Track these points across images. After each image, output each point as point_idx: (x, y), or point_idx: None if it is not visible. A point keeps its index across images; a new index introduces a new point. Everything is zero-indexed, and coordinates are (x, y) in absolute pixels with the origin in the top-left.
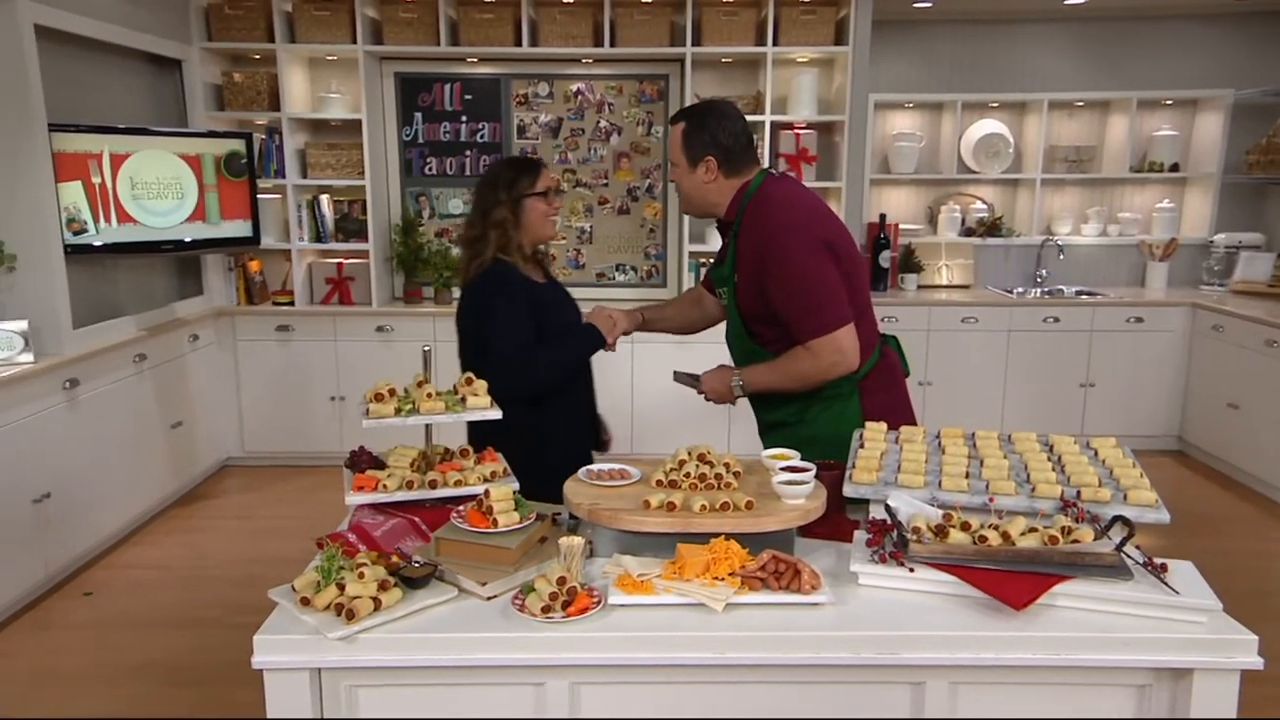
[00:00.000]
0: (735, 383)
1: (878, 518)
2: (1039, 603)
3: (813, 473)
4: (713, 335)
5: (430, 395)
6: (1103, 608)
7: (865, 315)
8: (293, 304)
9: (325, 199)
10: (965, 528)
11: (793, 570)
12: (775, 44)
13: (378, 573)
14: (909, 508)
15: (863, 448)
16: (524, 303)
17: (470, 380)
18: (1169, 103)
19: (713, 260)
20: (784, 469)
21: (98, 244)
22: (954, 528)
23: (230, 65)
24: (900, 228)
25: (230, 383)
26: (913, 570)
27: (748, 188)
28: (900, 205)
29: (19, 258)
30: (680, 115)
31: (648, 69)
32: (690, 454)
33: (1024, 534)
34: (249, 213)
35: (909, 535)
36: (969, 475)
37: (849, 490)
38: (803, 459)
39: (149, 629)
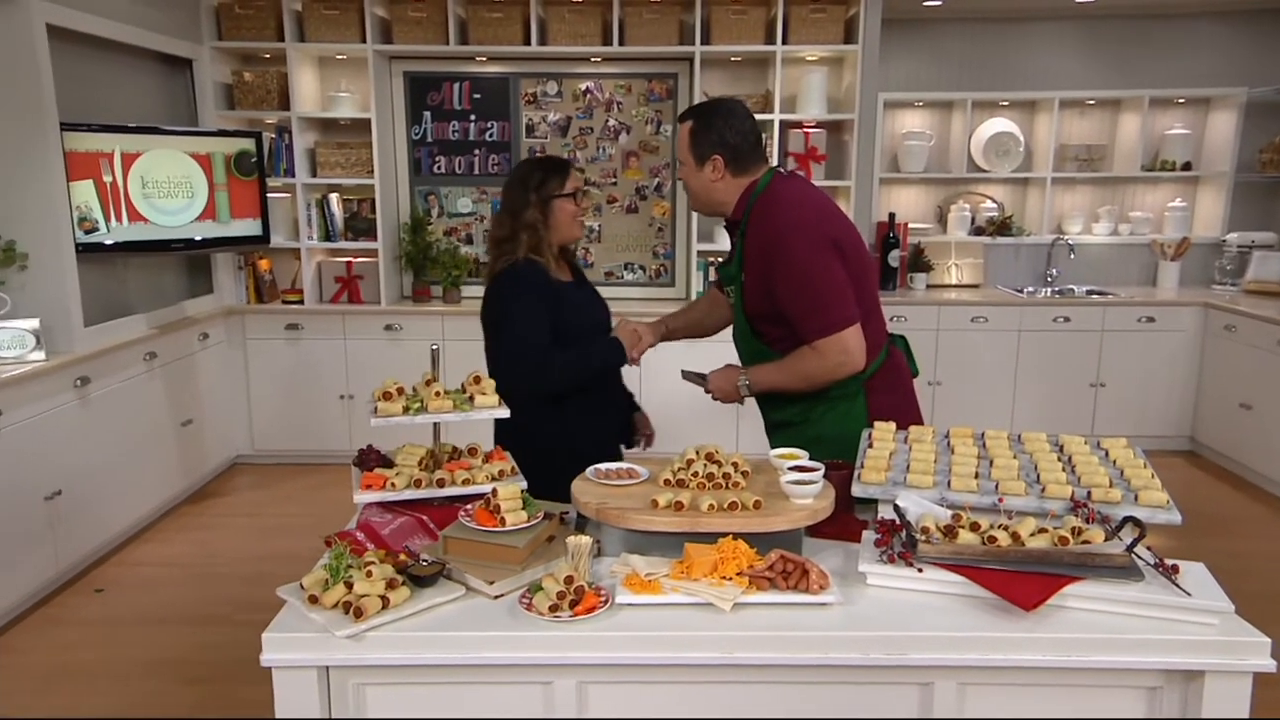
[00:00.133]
0: (742, 382)
1: (886, 518)
2: (1049, 604)
3: (821, 472)
4: (720, 334)
5: (438, 394)
6: (1113, 609)
7: (873, 315)
8: (302, 302)
9: (334, 198)
10: (974, 528)
11: (801, 570)
12: (784, 43)
13: (386, 571)
14: (918, 508)
15: (871, 447)
16: (543, 302)
17: (478, 379)
18: (1181, 101)
19: (722, 259)
20: (792, 468)
21: (109, 243)
22: (963, 528)
23: (240, 64)
24: (910, 227)
25: (240, 381)
26: (921, 570)
27: (755, 186)
28: (910, 204)
29: (31, 256)
30: (688, 114)
31: (656, 68)
32: (698, 453)
33: (1034, 534)
34: (259, 211)
35: (918, 535)
36: (978, 475)
37: (857, 490)
38: (809, 459)
39: (159, 626)
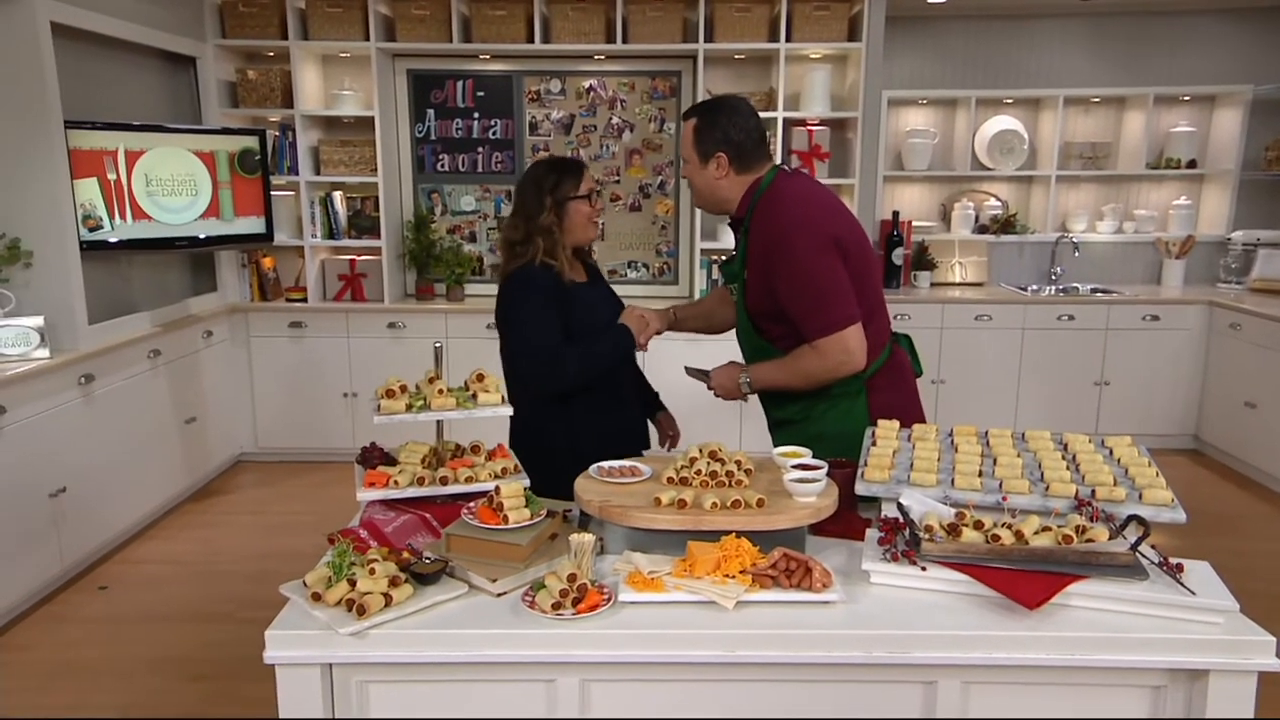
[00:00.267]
0: (743, 379)
1: (890, 516)
2: (1052, 602)
3: (824, 471)
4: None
5: (441, 391)
6: (1117, 608)
7: (877, 313)
8: (305, 300)
9: (338, 196)
10: (978, 526)
11: (804, 568)
12: (788, 40)
13: (389, 569)
14: (921, 506)
15: (875, 445)
16: (553, 304)
17: (481, 376)
18: (1186, 99)
19: (726, 257)
20: (795, 467)
21: (113, 240)
22: (967, 526)
23: (244, 62)
24: (913, 225)
25: (243, 379)
26: (925, 569)
27: (759, 184)
28: (913, 202)
29: (35, 254)
30: (692, 111)
31: (660, 65)
32: (701, 451)
33: (1038, 533)
34: (262, 209)
35: (921, 534)
36: (982, 474)
37: (861, 488)
38: (811, 457)
39: (163, 623)
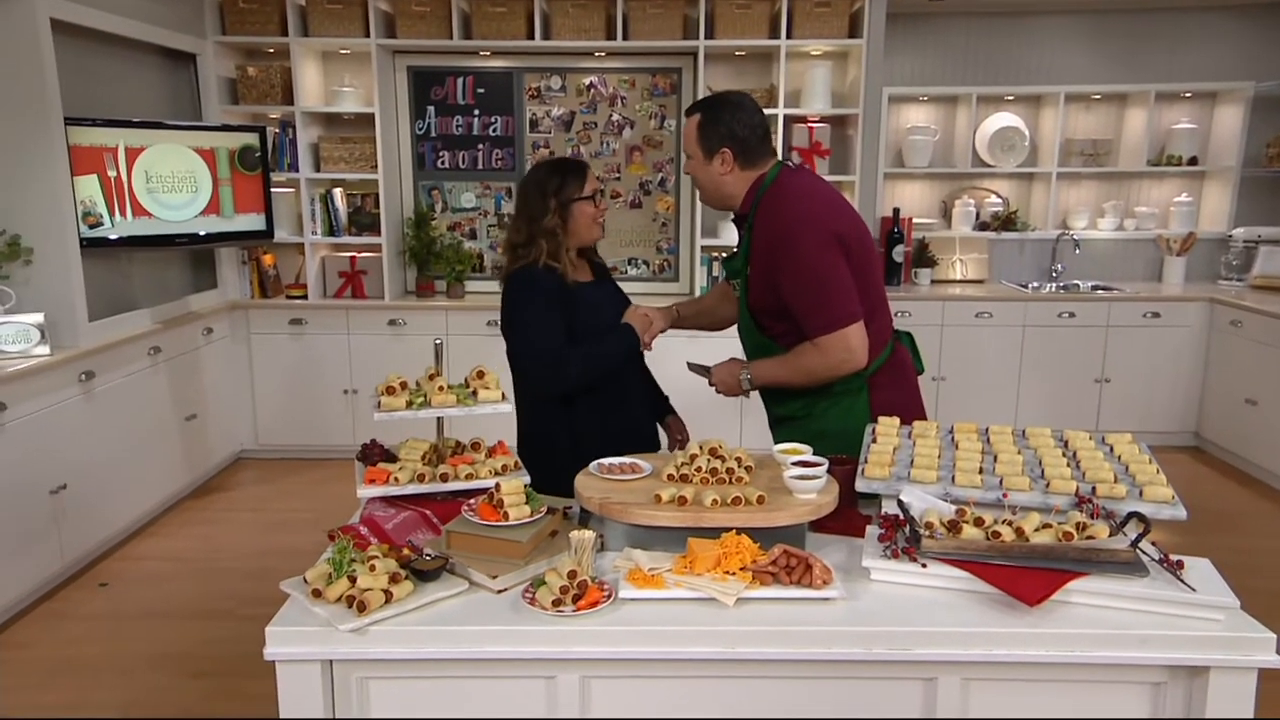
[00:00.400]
0: (743, 375)
1: (890, 513)
2: (1053, 599)
3: (825, 467)
4: (727, 329)
5: (442, 388)
6: (1118, 604)
7: (879, 310)
8: (306, 297)
9: (338, 192)
10: (979, 523)
11: (804, 565)
12: (788, 37)
13: (389, 565)
14: (922, 503)
15: (875, 442)
16: (555, 306)
17: (482, 374)
18: (1188, 95)
19: (728, 253)
20: (796, 464)
21: (113, 237)
22: (967, 523)
23: (244, 59)
24: (914, 222)
25: (244, 376)
26: (925, 566)
27: (763, 180)
28: (914, 199)
29: (35, 251)
30: (695, 107)
31: (660, 62)
32: (702, 448)
33: (1038, 530)
34: (263, 206)
35: (921, 530)
36: (982, 471)
37: (861, 485)
38: (812, 453)
39: (163, 620)
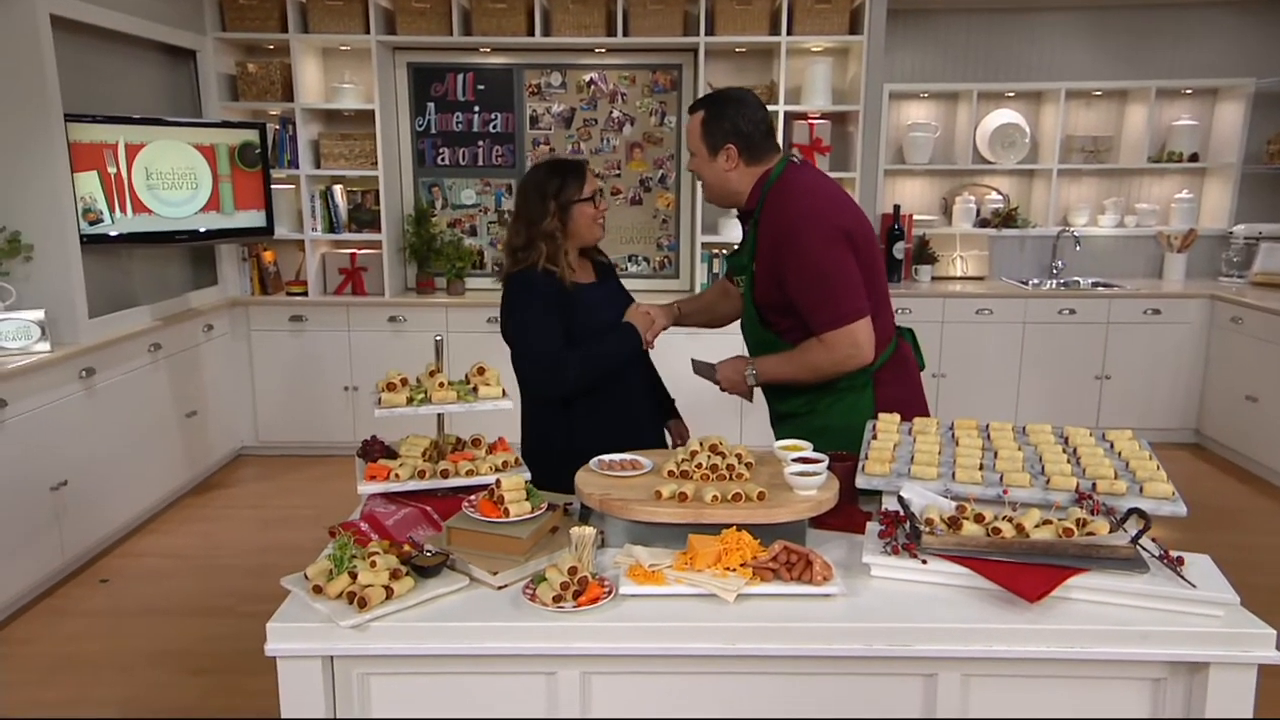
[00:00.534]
0: (749, 372)
1: (890, 509)
2: (1053, 595)
3: (825, 464)
4: (728, 326)
5: (442, 385)
6: (1118, 601)
7: (883, 307)
8: (306, 294)
9: (338, 189)
10: (979, 519)
11: (804, 561)
12: (789, 33)
13: (390, 561)
14: (922, 499)
15: (875, 439)
16: (553, 309)
17: (482, 370)
18: (1188, 92)
19: (733, 249)
20: (796, 460)
21: (113, 234)
22: (967, 519)
23: (244, 55)
24: (914, 219)
25: (244, 372)
26: (925, 562)
27: (768, 176)
28: (915, 196)
29: (35, 248)
30: (699, 104)
31: (661, 59)
32: (702, 444)
33: (1038, 526)
34: (263, 203)
35: (922, 527)
36: (983, 467)
37: (861, 482)
38: (814, 450)
39: (163, 617)
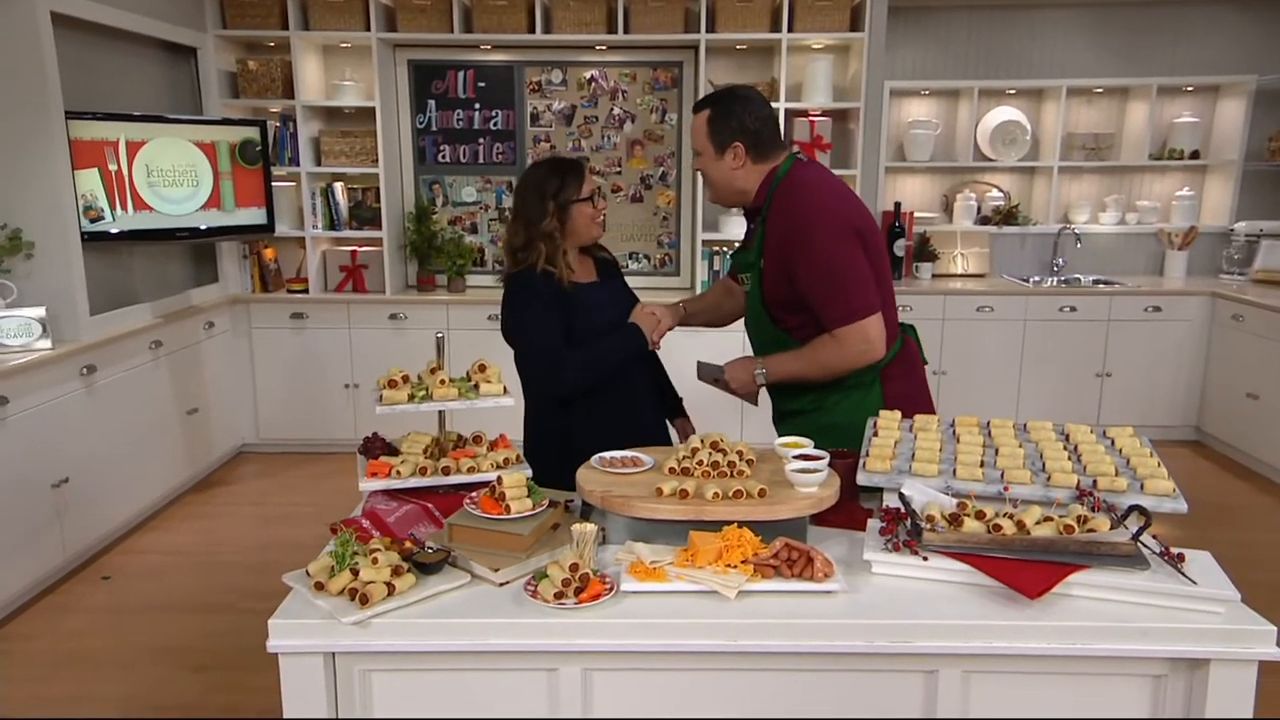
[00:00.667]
0: (758, 371)
1: (891, 506)
2: (1054, 592)
3: (826, 461)
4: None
5: (443, 382)
6: (1118, 597)
7: (889, 303)
8: (307, 292)
9: (339, 187)
10: (980, 516)
11: (805, 558)
12: (790, 30)
13: (391, 558)
14: (923, 496)
15: (876, 436)
16: (552, 308)
17: (483, 367)
18: (1190, 89)
19: (736, 246)
20: (797, 457)
21: (114, 231)
22: (968, 516)
23: (245, 53)
24: (915, 216)
25: (245, 370)
26: (926, 559)
27: (776, 173)
28: (915, 193)
29: (37, 245)
30: (704, 102)
31: (661, 56)
32: (703, 442)
33: (1039, 523)
34: (263, 200)
35: (923, 524)
36: (984, 464)
37: (862, 479)
38: (821, 447)
39: (165, 613)
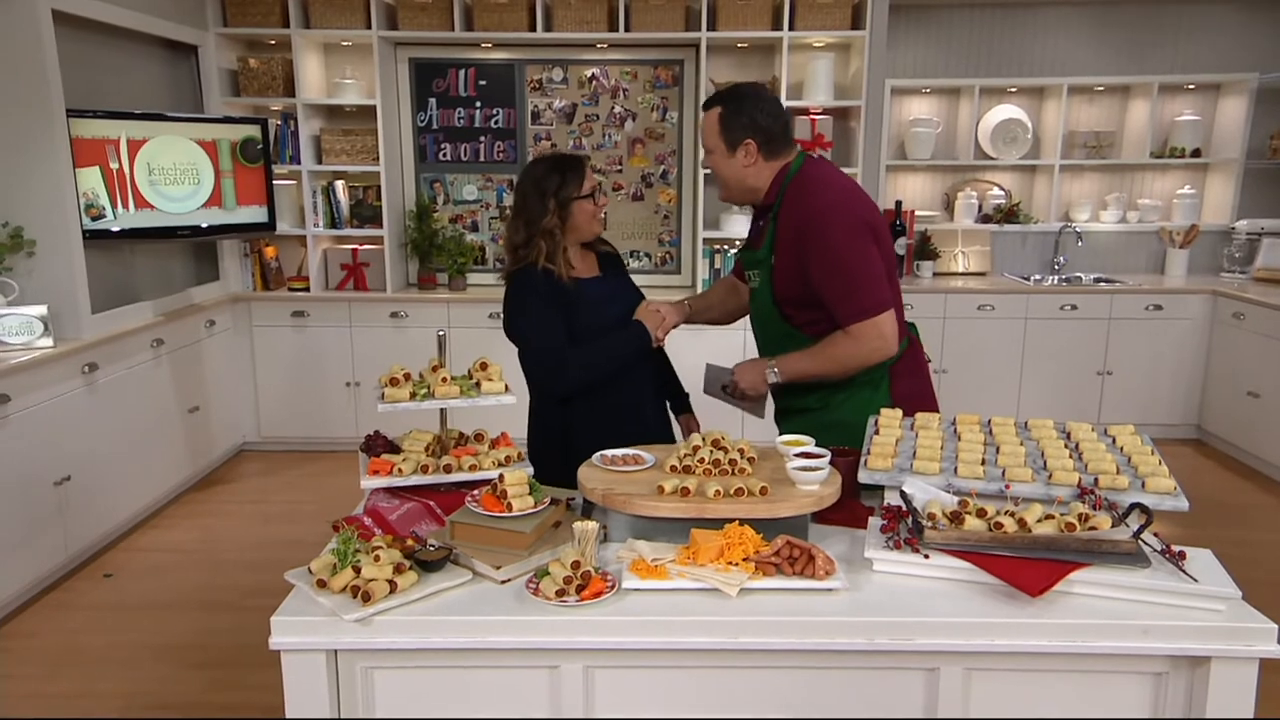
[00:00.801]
0: (770, 368)
1: (893, 504)
2: (1055, 590)
3: (827, 459)
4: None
5: (445, 380)
6: (1120, 595)
7: (897, 300)
8: (308, 290)
9: (340, 185)
10: (981, 514)
11: (807, 556)
12: (791, 28)
13: (393, 556)
14: (924, 494)
15: (878, 434)
16: (553, 306)
17: (485, 365)
18: (1191, 87)
19: (742, 243)
20: (799, 455)
21: (115, 229)
22: (970, 514)
23: (246, 51)
24: (916, 214)
25: (246, 368)
26: (927, 556)
27: (788, 170)
28: (916, 191)
29: (38, 243)
30: (715, 99)
31: (663, 54)
32: (704, 439)
33: (1040, 521)
34: (264, 198)
35: (924, 521)
36: (985, 462)
37: (864, 476)
38: (827, 444)
39: (166, 611)
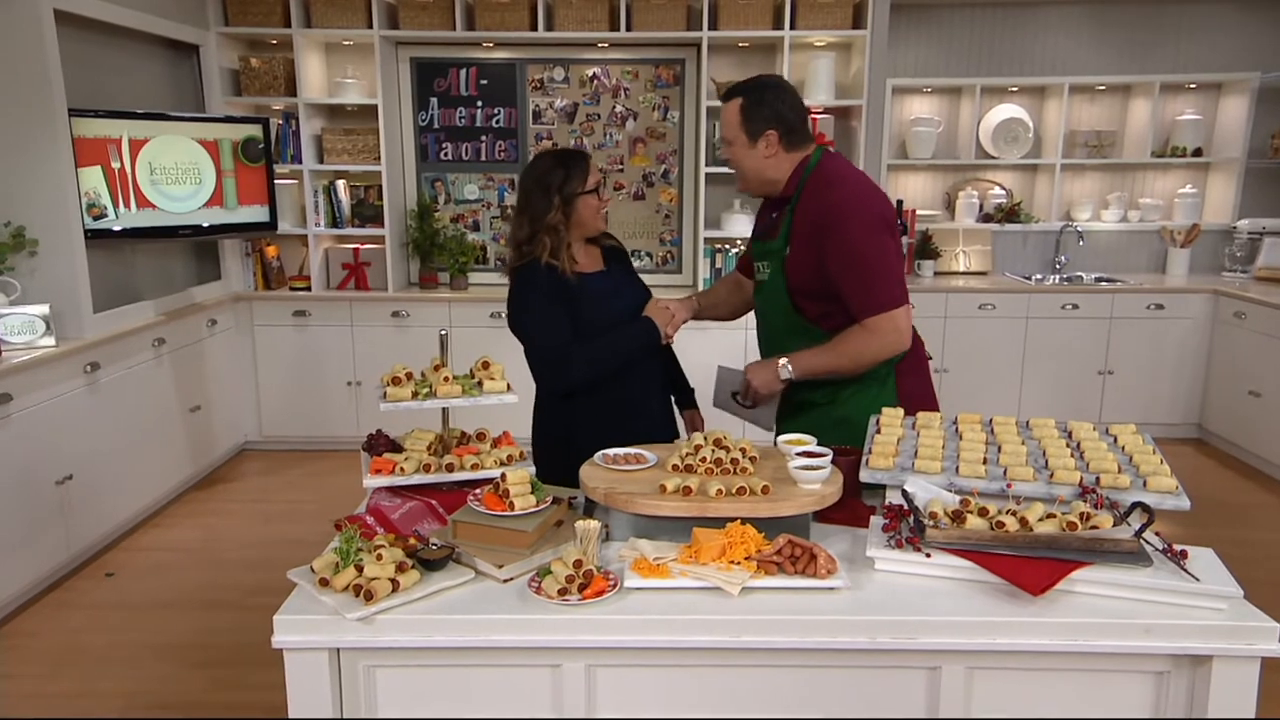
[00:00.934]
0: (783, 364)
1: (894, 503)
2: (1057, 589)
3: (829, 458)
4: (727, 322)
5: (447, 379)
6: (1121, 594)
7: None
8: (309, 289)
9: (341, 184)
10: (983, 513)
11: (808, 555)
12: (792, 28)
13: (395, 554)
14: (926, 493)
15: (879, 433)
16: (556, 302)
17: (487, 364)
18: (1192, 86)
19: (752, 237)
20: (800, 454)
21: (117, 229)
22: (971, 513)
23: (247, 50)
24: (917, 213)
25: (248, 367)
26: (929, 555)
27: (807, 162)
28: (917, 191)
29: (40, 242)
30: (736, 90)
31: (664, 53)
32: (706, 439)
33: (1042, 520)
34: (266, 198)
35: (925, 520)
36: (986, 461)
37: (865, 476)
38: (832, 441)
39: (168, 610)
